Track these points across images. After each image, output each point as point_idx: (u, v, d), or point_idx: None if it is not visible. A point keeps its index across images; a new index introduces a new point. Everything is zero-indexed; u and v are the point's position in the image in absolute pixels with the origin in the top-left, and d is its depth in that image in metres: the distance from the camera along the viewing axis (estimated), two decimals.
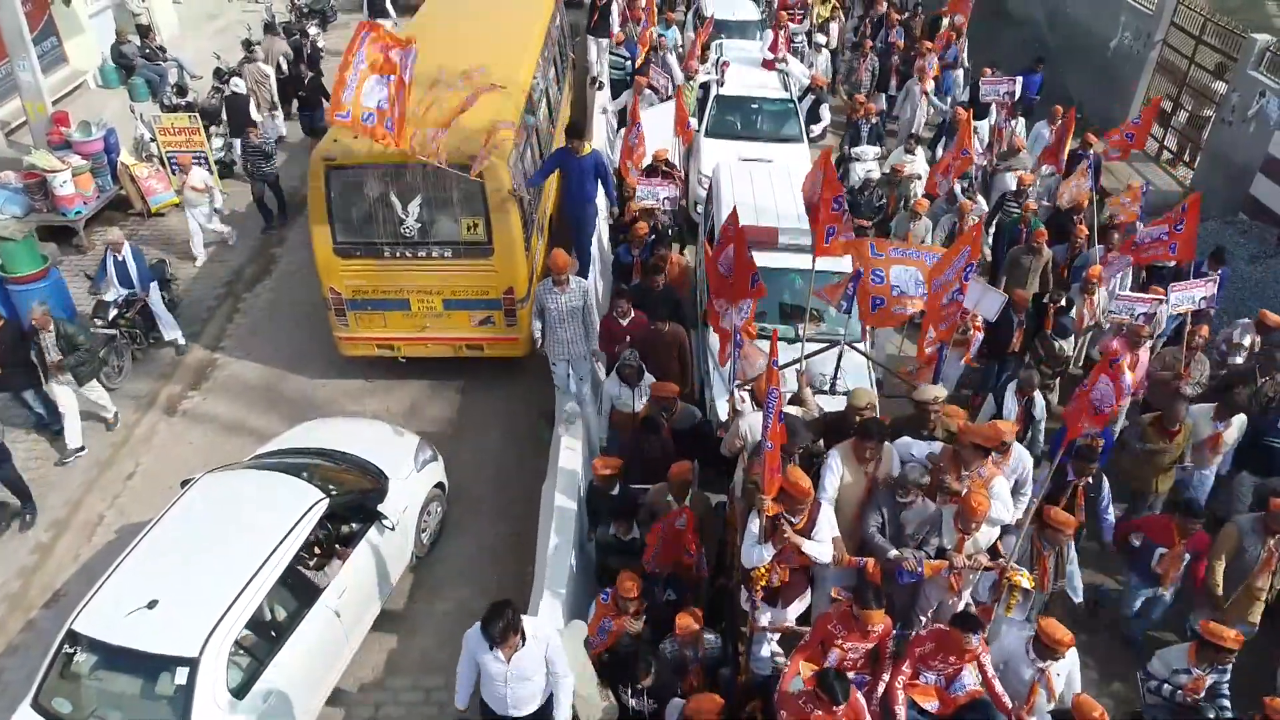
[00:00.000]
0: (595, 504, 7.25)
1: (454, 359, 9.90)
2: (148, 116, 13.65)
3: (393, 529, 7.23)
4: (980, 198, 11.76)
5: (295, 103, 15.39)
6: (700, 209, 11.81)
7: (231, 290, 11.65)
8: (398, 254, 9.13)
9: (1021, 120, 13.33)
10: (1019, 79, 12.62)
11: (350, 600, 6.79)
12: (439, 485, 8.17)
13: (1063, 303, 9.33)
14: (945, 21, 16.21)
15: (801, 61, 15.65)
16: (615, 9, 15.73)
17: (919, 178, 11.84)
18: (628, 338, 8.07)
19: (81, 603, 6.00)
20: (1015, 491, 6.50)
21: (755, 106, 13.50)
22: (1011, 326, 9.11)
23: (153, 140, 13.19)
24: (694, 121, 13.11)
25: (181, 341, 10.46)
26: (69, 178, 11.85)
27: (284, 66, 15.52)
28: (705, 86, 13.96)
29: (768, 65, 14.49)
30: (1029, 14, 19.08)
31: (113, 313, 9.88)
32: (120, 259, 10.04)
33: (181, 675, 5.58)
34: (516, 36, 11.92)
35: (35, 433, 9.32)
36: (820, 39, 16.40)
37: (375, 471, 7.52)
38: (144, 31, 16.48)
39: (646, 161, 11.00)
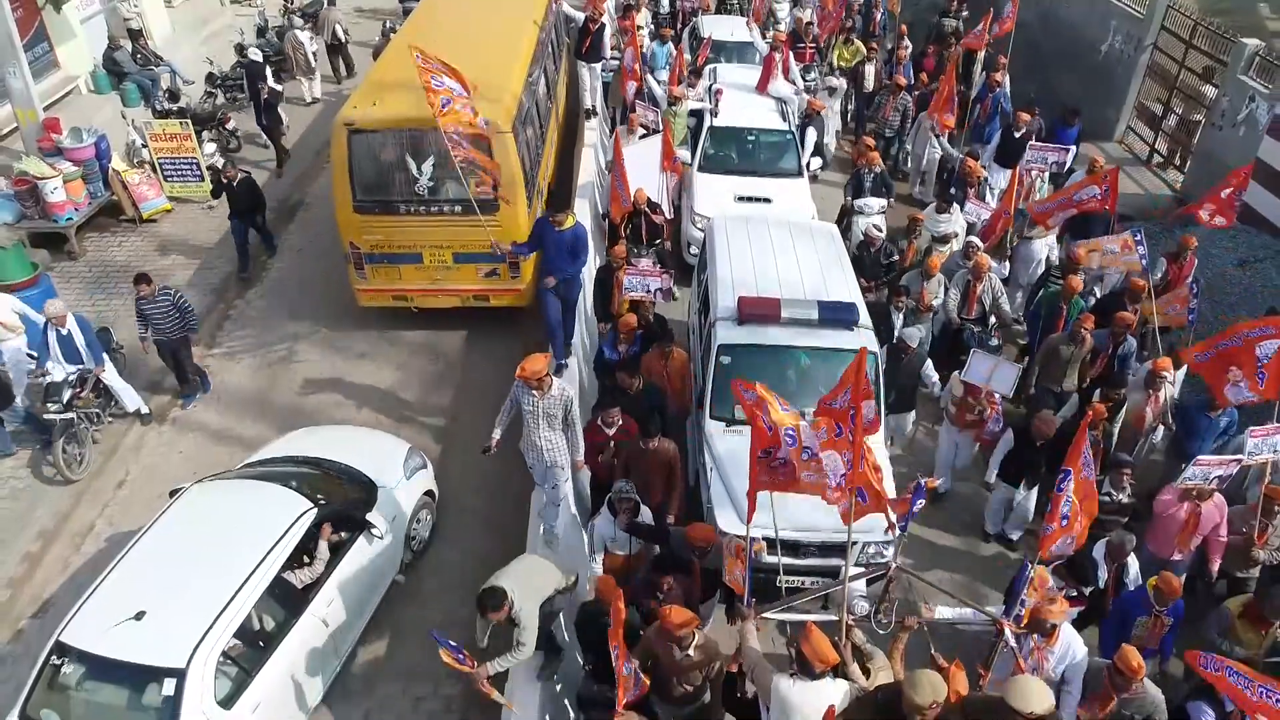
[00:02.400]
0: (586, 634, 6.13)
1: (446, 361, 9.94)
2: (140, 122, 13.67)
3: (381, 538, 7.24)
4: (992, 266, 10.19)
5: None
6: (694, 250, 11.10)
7: (222, 297, 11.63)
8: (412, 211, 9.84)
9: (1045, 174, 12.06)
10: (1071, 149, 11.25)
11: (338, 609, 6.81)
12: (428, 493, 8.17)
13: (1117, 397, 8.12)
14: (979, 60, 15.01)
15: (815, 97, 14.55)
16: (608, 34, 14.97)
17: (955, 235, 10.80)
18: (613, 445, 7.42)
19: (69, 614, 6.01)
20: (1060, 686, 5.65)
21: (752, 139, 12.66)
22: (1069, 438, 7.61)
23: (144, 146, 13.20)
24: (684, 153, 12.45)
25: (145, 410, 9.50)
26: (60, 184, 11.84)
27: (309, 54, 16.21)
28: (698, 115, 13.03)
29: (761, 87, 13.58)
30: (1022, 18, 19.09)
31: (68, 394, 8.61)
32: (65, 332, 8.71)
33: (169, 686, 5.60)
34: (518, 7, 12.83)
35: (16, 445, 9.19)
36: (835, 82, 14.87)
37: (364, 480, 7.54)
38: (135, 36, 16.46)
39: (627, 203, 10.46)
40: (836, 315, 8.12)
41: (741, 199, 11.57)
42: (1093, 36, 16.46)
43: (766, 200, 11.58)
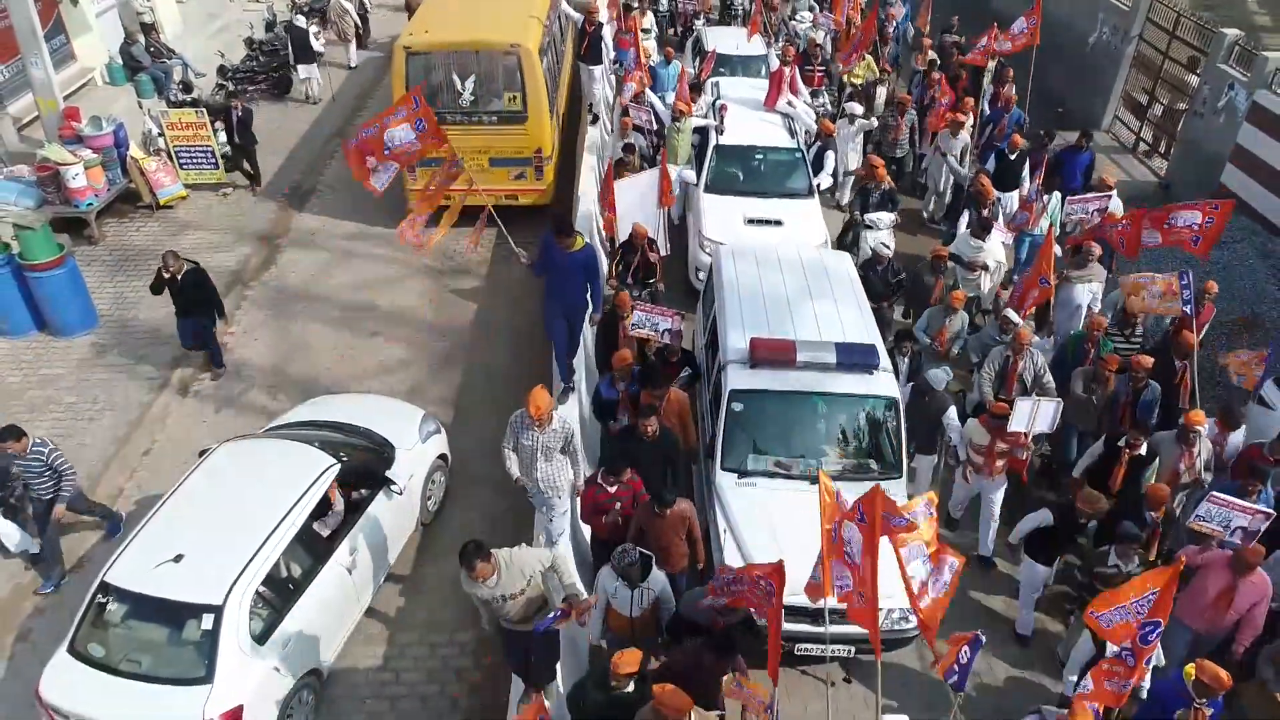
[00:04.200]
0: (583, 710, 5.71)
1: (454, 338, 10.37)
2: (156, 111, 14.07)
3: (400, 493, 7.67)
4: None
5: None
6: (701, 275, 10.53)
7: (238, 279, 12.03)
8: (456, 120, 11.81)
9: (1056, 195, 11.23)
10: (1112, 194, 10.48)
11: (360, 560, 7.24)
12: (442, 456, 8.59)
13: (1142, 449, 7.38)
14: (990, 72, 14.46)
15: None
16: (607, 34, 15.09)
17: (985, 268, 10.21)
18: (618, 505, 6.86)
19: (112, 556, 6.45)
20: None
21: (759, 157, 12.11)
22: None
23: (160, 135, 13.59)
24: (684, 171, 12.06)
25: (34, 550, 7.71)
26: (80, 171, 12.20)
27: (354, 21, 18.69)
28: (702, 133, 12.55)
29: (770, 103, 12.99)
30: (1014, 14, 19.51)
31: None
32: None
33: (207, 621, 6.03)
34: None
35: None
36: (856, 108, 13.67)
37: (382, 441, 7.97)
38: (147, 30, 16.88)
39: (623, 237, 10.11)
40: (855, 358, 7.63)
41: (751, 221, 11.07)
42: (1081, 29, 16.92)
43: (778, 223, 11.09)
